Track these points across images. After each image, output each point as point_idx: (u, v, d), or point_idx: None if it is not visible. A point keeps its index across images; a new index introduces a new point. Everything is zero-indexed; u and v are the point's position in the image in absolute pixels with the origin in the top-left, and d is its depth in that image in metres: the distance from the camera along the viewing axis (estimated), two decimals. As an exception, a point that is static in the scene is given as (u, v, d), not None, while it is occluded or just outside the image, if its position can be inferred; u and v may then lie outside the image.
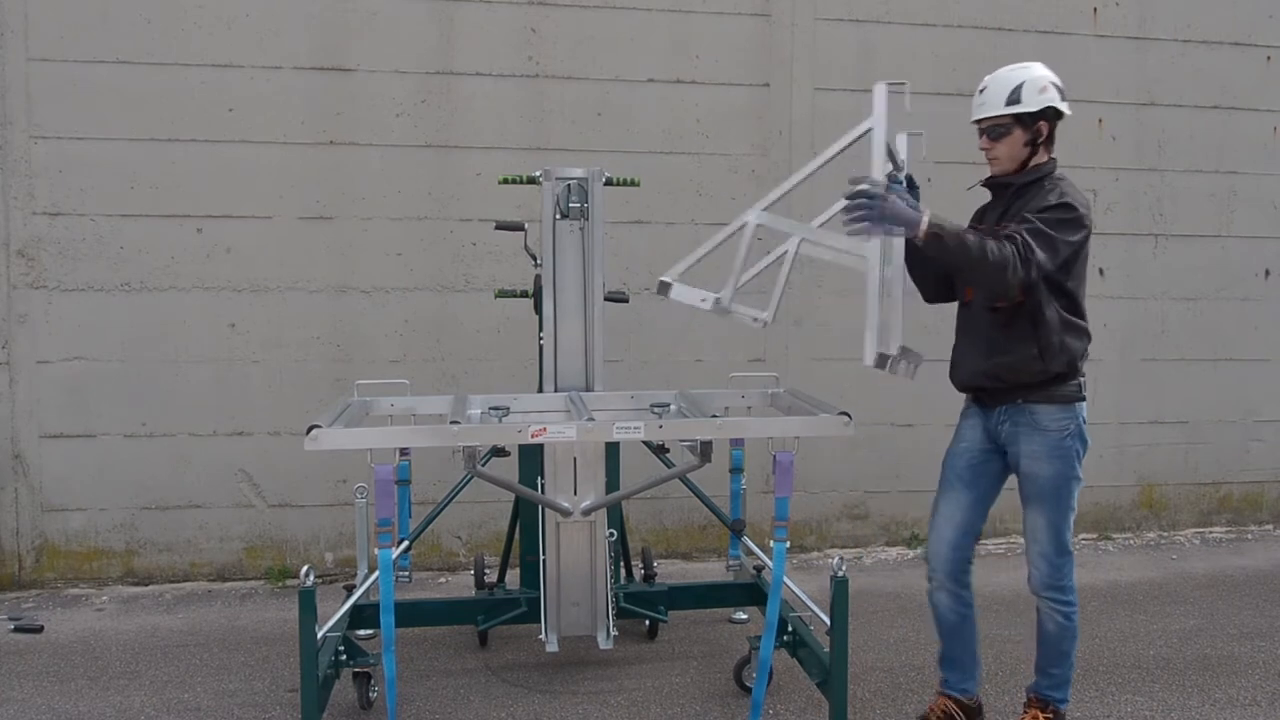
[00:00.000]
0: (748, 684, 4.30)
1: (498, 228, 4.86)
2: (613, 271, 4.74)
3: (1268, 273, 6.92)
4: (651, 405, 4.35)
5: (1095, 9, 6.54)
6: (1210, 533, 6.94)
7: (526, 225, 4.83)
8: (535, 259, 4.64)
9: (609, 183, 4.58)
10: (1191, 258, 6.80)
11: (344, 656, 4.11)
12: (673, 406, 4.32)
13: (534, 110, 6.00)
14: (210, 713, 4.23)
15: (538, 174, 4.56)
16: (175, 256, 5.74)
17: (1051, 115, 3.80)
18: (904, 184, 3.84)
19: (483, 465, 4.04)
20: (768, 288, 3.98)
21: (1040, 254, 3.52)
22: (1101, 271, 6.66)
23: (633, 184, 4.75)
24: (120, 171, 5.66)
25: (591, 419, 3.87)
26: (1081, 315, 3.81)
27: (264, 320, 5.84)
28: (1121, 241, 6.69)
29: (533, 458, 4.49)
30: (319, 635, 3.86)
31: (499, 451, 4.56)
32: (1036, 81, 3.78)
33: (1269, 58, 6.80)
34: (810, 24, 6.22)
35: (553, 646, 4.40)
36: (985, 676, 4.61)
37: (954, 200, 4.16)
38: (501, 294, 4.92)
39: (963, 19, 6.40)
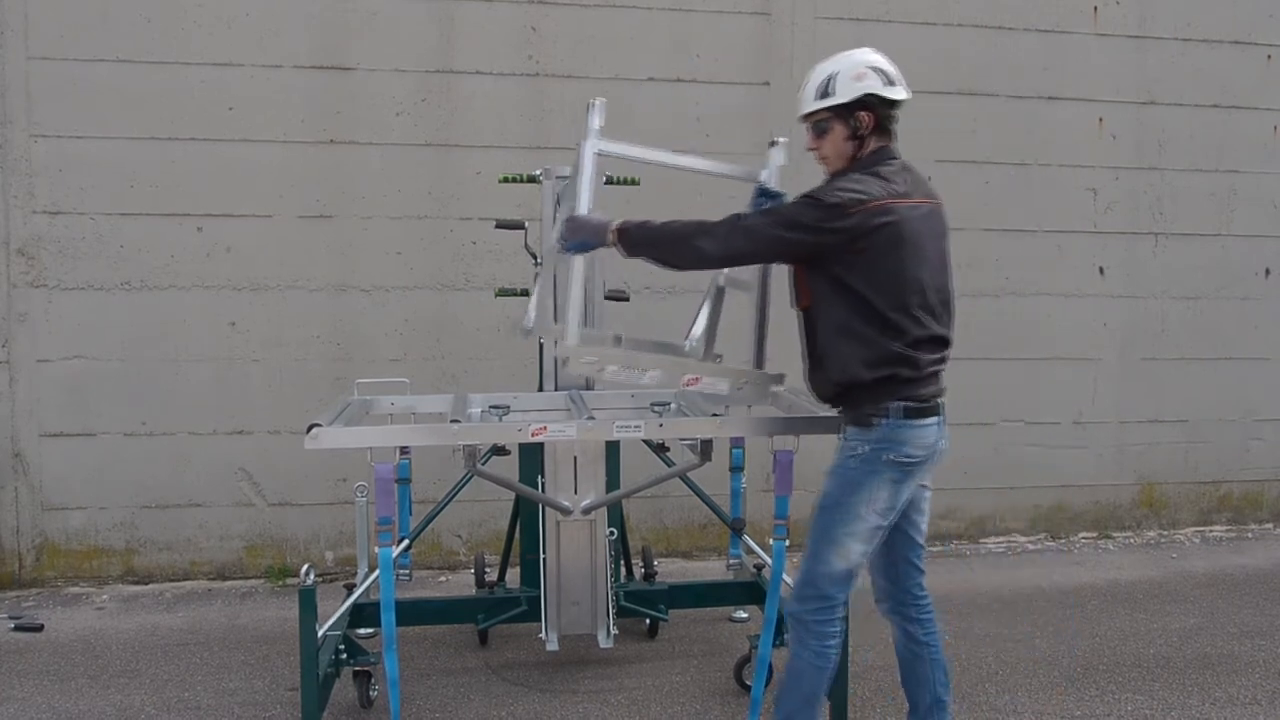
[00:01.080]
0: (748, 682, 4.30)
1: (498, 226, 4.86)
2: (613, 270, 4.73)
3: (1268, 272, 6.92)
4: (652, 404, 4.35)
5: (1095, 8, 6.54)
6: (1210, 531, 6.94)
7: (527, 224, 4.82)
8: (536, 258, 4.64)
9: (609, 182, 4.58)
10: (1191, 257, 6.80)
11: (344, 655, 4.11)
12: (673, 405, 4.32)
13: (534, 109, 5.99)
14: (210, 711, 4.23)
15: (538, 173, 4.56)
16: (175, 255, 5.74)
17: (875, 103, 3.43)
18: (766, 197, 3.72)
19: (483, 464, 4.05)
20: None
21: (730, 238, 3.31)
22: (1101, 270, 6.66)
23: (633, 183, 4.75)
24: (120, 170, 5.66)
25: (591, 417, 3.87)
26: (880, 323, 3.27)
27: (264, 319, 5.84)
28: (1121, 240, 6.69)
29: (533, 457, 4.49)
30: (319, 634, 3.86)
31: (499, 450, 4.56)
32: (852, 69, 3.41)
33: (1269, 56, 6.79)
34: (810, 23, 6.22)
35: (553, 645, 4.40)
36: (986, 675, 4.61)
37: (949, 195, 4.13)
38: (502, 293, 4.92)
39: (963, 18, 6.40)
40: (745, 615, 5.22)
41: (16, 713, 4.26)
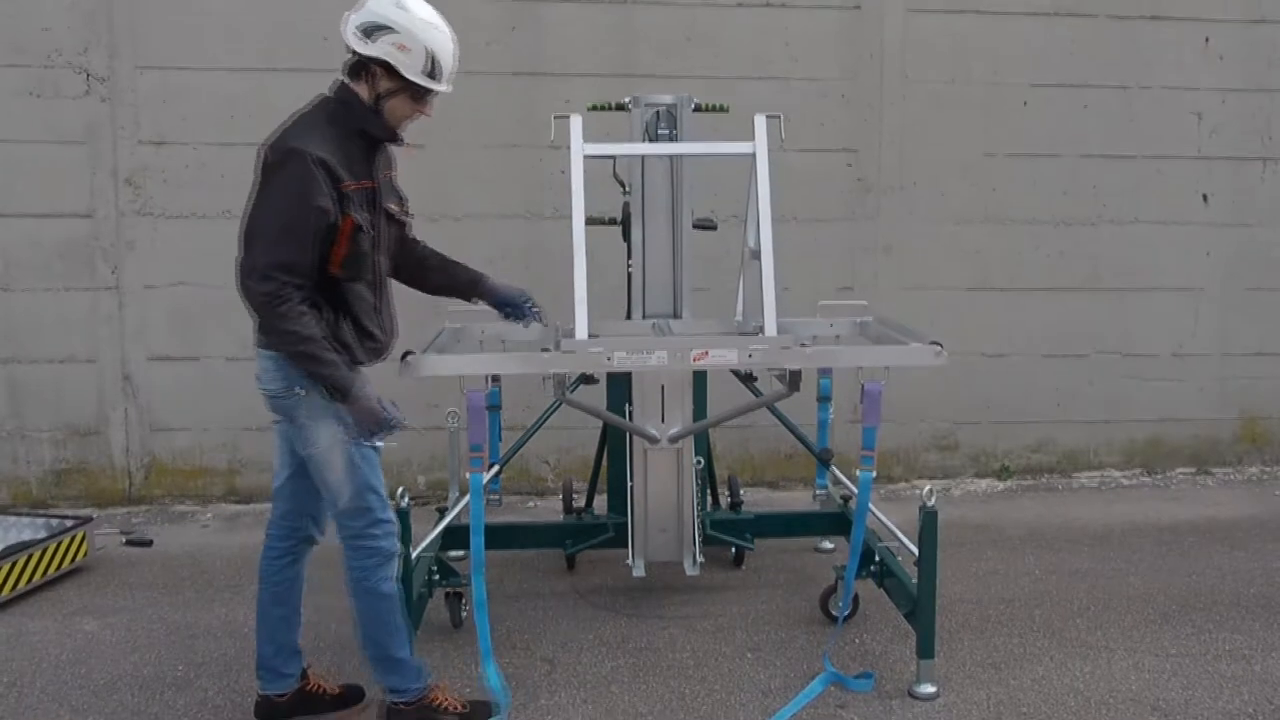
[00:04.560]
0: (834, 612, 4.33)
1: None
2: (701, 199, 4.71)
3: (1385, 199, 6.61)
4: (740, 333, 4.34)
5: (1207, -78, 6.24)
6: (1316, 468, 6.74)
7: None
8: (624, 186, 4.63)
9: (698, 109, 4.53)
10: (1302, 183, 6.51)
11: (436, 576, 4.22)
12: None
13: (622, 36, 5.94)
14: (310, 626, 4.33)
15: (626, 100, 4.53)
16: (272, 185, 5.84)
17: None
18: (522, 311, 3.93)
19: (571, 392, 4.09)
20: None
21: None
22: (1205, 198, 6.43)
23: (722, 110, 4.69)
24: (221, 101, 5.76)
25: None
26: None
27: None
28: (1227, 166, 6.43)
29: (620, 385, 4.52)
30: (413, 556, 3.97)
31: (587, 379, 4.60)
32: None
33: (1394, -31, 6.42)
34: (906, -55, 6.05)
35: (639, 571, 4.46)
36: (1077, 610, 4.57)
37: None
38: (590, 221, 4.91)
39: (1066, -65, 6.15)
40: (831, 546, 5.23)
41: (130, 623, 4.48)
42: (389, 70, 3.39)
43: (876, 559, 4.20)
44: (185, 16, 5.69)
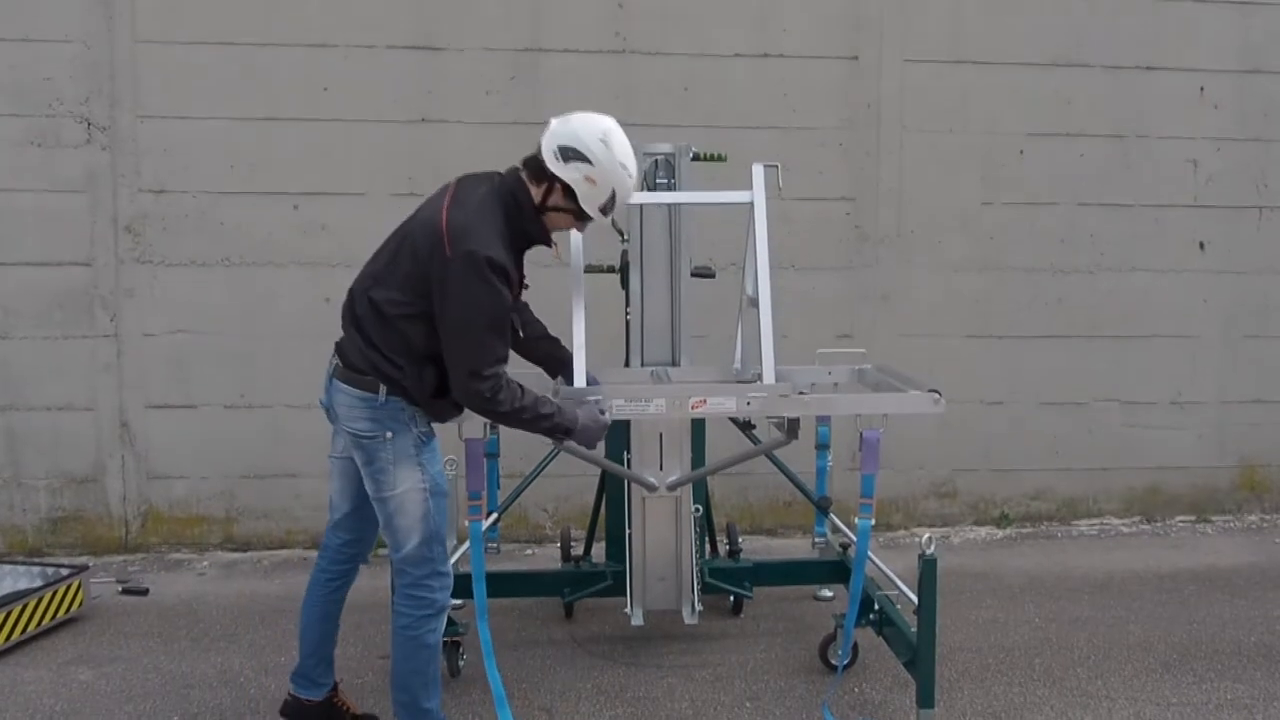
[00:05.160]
0: (833, 661, 4.30)
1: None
2: (699, 247, 4.73)
3: (1380, 247, 6.65)
4: (738, 381, 4.34)
5: (1198, -26, 6.33)
6: (1316, 516, 6.72)
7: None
8: (623, 234, 4.66)
9: (696, 158, 4.56)
10: (1297, 231, 6.55)
11: (435, 625, 4.19)
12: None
13: (621, 86, 6.00)
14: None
15: (624, 149, 4.56)
16: (272, 232, 5.88)
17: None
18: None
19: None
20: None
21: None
22: (1202, 245, 6.46)
23: (720, 159, 4.72)
24: (221, 150, 5.81)
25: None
26: None
27: None
28: (1223, 214, 6.47)
29: (619, 433, 4.52)
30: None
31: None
32: None
33: (1385, 22, 6.50)
34: (901, -7, 6.13)
35: (638, 620, 4.44)
36: (1078, 659, 4.54)
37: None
38: (588, 270, 4.93)
39: (1059, -14, 6.24)
40: (830, 594, 5.20)
41: (125, 672, 4.45)
42: (568, 192, 3.50)
43: (876, 607, 4.18)
44: (187, 66, 5.75)
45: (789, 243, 5.90)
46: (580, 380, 3.82)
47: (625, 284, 4.59)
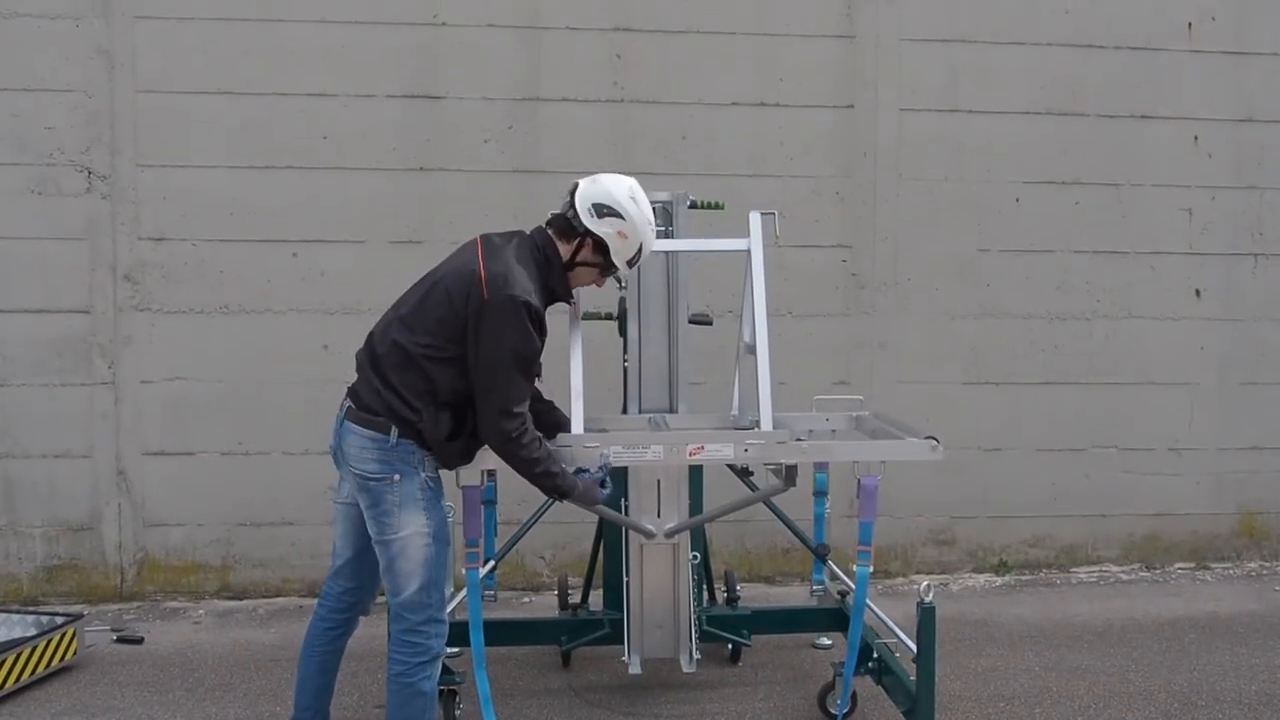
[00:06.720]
0: (832, 710, 4.26)
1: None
2: (696, 294, 4.76)
3: (1375, 294, 6.68)
4: (736, 428, 4.35)
5: (1190, 24, 6.40)
6: (1316, 563, 6.70)
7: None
8: (621, 282, 4.68)
9: (693, 205, 4.60)
10: (1293, 278, 6.59)
11: (431, 674, 4.16)
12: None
13: (619, 135, 6.05)
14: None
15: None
16: (271, 280, 5.90)
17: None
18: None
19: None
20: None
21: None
22: (1198, 293, 6.49)
23: (717, 207, 4.76)
24: (220, 198, 5.84)
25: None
26: None
27: (356, 342, 5.80)
28: (1219, 262, 6.51)
29: (616, 480, 4.51)
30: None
31: (582, 472, 4.58)
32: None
33: (1375, 72, 6.57)
34: (895, 44, 6.19)
35: (635, 668, 4.41)
36: (1078, 709, 4.51)
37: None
38: (586, 317, 4.95)
39: (1052, 37, 6.30)
40: (829, 642, 5.17)
41: (117, 723, 4.41)
42: (599, 247, 3.64)
43: (875, 656, 4.15)
44: (187, 115, 5.80)
45: (786, 290, 5.93)
46: (579, 426, 3.82)
47: (623, 331, 4.60)
